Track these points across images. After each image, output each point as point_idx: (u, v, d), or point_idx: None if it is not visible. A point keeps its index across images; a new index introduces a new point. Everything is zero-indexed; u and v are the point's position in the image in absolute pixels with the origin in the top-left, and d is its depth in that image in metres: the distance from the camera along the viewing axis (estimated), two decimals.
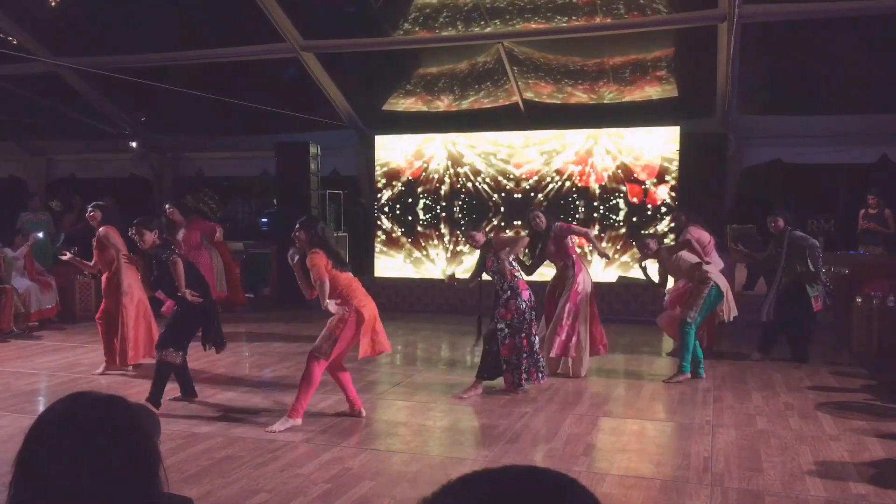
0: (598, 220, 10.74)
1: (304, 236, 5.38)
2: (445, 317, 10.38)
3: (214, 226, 9.58)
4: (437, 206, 11.48)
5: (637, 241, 7.93)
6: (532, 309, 6.11)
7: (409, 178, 11.59)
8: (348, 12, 10.54)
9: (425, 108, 11.61)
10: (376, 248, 11.74)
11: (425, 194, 11.52)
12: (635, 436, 5.14)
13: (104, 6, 10.19)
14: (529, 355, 6.09)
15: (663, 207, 10.45)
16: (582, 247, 7.23)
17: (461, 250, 11.31)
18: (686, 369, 6.68)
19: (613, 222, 10.68)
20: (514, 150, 11.12)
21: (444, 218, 11.45)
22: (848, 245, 10.55)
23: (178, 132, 13.34)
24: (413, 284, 11.30)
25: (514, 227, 11.07)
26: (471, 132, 11.31)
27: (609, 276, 10.38)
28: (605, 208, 10.71)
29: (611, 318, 9.30)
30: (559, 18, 9.33)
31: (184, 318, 5.86)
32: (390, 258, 11.72)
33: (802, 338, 7.52)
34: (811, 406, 5.85)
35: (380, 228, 11.76)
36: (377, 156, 11.72)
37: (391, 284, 11.30)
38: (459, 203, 11.35)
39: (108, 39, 10.62)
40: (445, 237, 11.45)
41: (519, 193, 11.07)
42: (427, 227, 11.54)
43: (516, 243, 6.38)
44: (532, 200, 10.84)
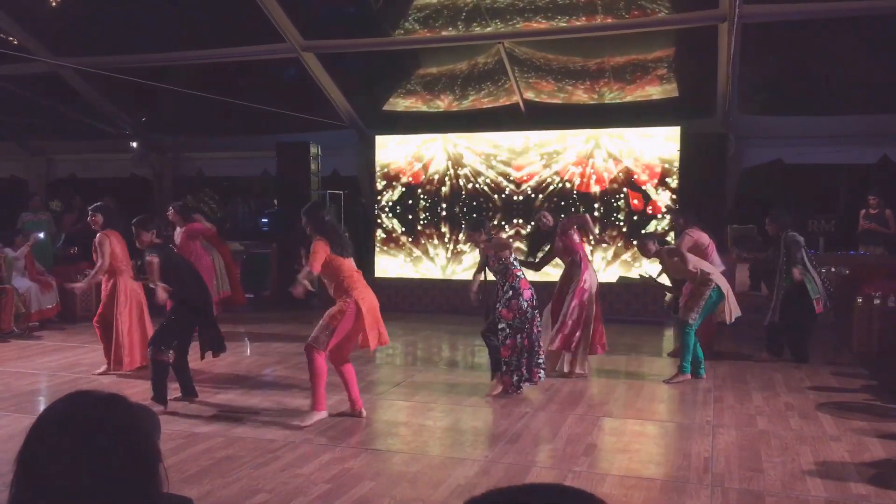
0: (598, 219, 10.75)
1: (308, 224, 5.44)
2: (445, 317, 10.38)
3: (209, 229, 9.13)
4: (438, 207, 11.48)
5: (637, 242, 7.92)
6: (534, 308, 6.11)
7: (409, 179, 11.59)
8: (349, 12, 10.54)
9: (426, 109, 11.61)
10: (377, 247, 11.74)
11: (425, 195, 11.52)
12: (636, 436, 5.13)
13: (105, 6, 10.19)
14: (530, 354, 6.09)
15: (664, 207, 10.45)
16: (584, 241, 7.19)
17: (461, 249, 11.31)
18: (686, 370, 6.70)
19: (614, 220, 10.69)
20: (515, 151, 11.11)
21: (444, 218, 11.45)
22: (848, 245, 10.55)
23: (179, 132, 13.34)
24: (413, 284, 11.30)
25: (514, 225, 11.09)
26: (471, 132, 11.31)
27: (610, 276, 10.38)
28: (606, 209, 10.72)
29: (611, 318, 9.30)
30: (560, 18, 9.33)
31: (176, 317, 5.86)
32: (391, 258, 11.72)
33: (802, 339, 7.53)
34: (812, 406, 5.85)
35: (380, 228, 11.76)
36: (377, 156, 11.72)
37: (391, 284, 11.30)
38: (460, 203, 11.35)
39: (109, 39, 10.62)
40: (446, 237, 11.45)
41: (520, 195, 11.07)
42: (427, 227, 11.54)
43: (507, 247, 6.28)
44: (533, 201, 10.84)
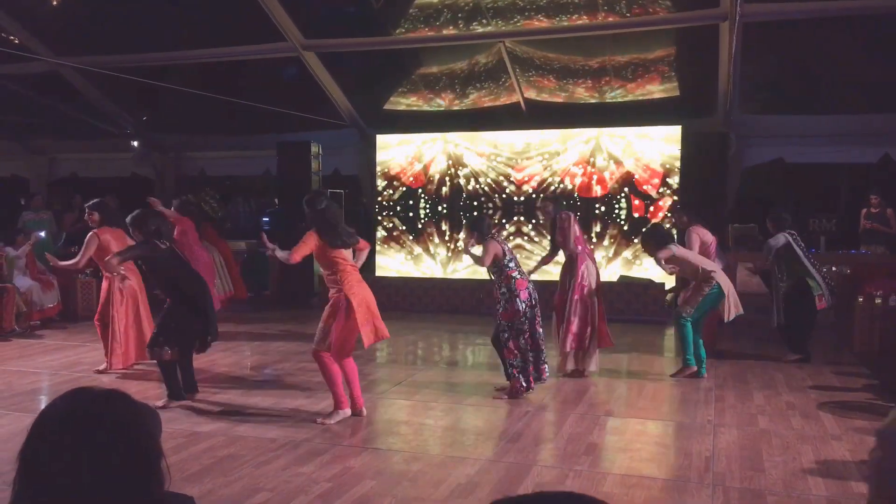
0: (599, 216, 10.75)
1: (308, 214, 5.49)
2: (446, 316, 10.38)
3: (178, 219, 8.49)
4: (438, 206, 11.47)
5: (641, 239, 7.93)
6: (533, 307, 6.04)
7: (410, 178, 11.59)
8: (349, 12, 10.56)
9: (426, 108, 11.61)
10: (377, 246, 11.74)
11: (426, 194, 11.52)
12: (637, 435, 5.13)
13: (106, 5, 10.20)
14: (536, 353, 6.05)
15: (667, 213, 10.44)
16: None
17: (462, 247, 11.31)
18: (691, 362, 6.68)
19: (616, 218, 10.68)
20: (516, 151, 11.10)
21: (445, 217, 11.45)
22: (849, 244, 10.54)
23: (180, 131, 13.35)
24: (414, 283, 11.30)
25: (514, 223, 11.09)
26: (472, 131, 11.31)
27: (611, 273, 10.38)
28: (607, 210, 10.71)
29: (612, 317, 9.28)
30: (560, 17, 9.33)
31: (172, 315, 5.85)
32: (391, 257, 11.73)
33: (802, 338, 7.52)
34: (813, 405, 5.84)
35: (381, 227, 11.76)
36: (378, 155, 11.72)
37: (392, 283, 11.29)
38: (461, 202, 11.35)
39: (110, 39, 10.63)
40: (446, 234, 11.45)
41: (521, 196, 11.07)
42: (428, 226, 11.54)
43: (486, 258, 6.11)
44: (534, 201, 10.84)
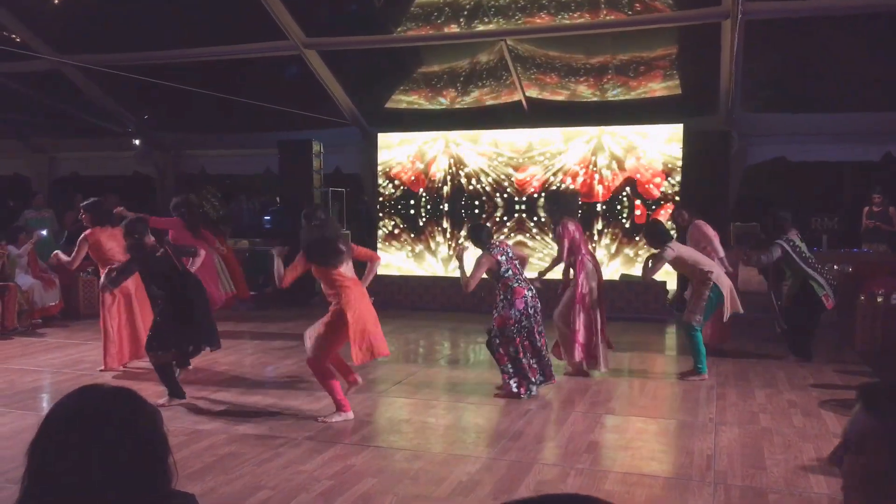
0: (601, 213, 10.74)
1: (302, 228, 5.48)
2: (447, 314, 10.38)
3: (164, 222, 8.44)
4: (440, 206, 11.47)
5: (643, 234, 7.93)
6: (529, 315, 5.96)
7: (411, 177, 11.58)
8: (351, 10, 10.56)
9: (428, 106, 11.61)
10: (379, 245, 11.74)
11: (427, 193, 11.51)
12: (638, 433, 5.12)
13: (107, 4, 10.20)
14: (539, 358, 6.01)
15: (665, 204, 10.44)
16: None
17: (464, 246, 11.31)
18: (703, 370, 6.61)
19: (618, 216, 10.68)
20: (517, 150, 11.08)
21: (446, 215, 11.45)
22: (851, 243, 10.53)
23: (181, 130, 13.36)
24: (415, 282, 11.29)
25: (514, 219, 11.10)
26: (473, 130, 11.30)
27: (612, 272, 10.38)
28: (609, 213, 10.71)
29: (613, 316, 9.28)
30: (562, 15, 9.32)
31: (164, 319, 5.85)
32: (393, 256, 11.72)
33: (805, 337, 7.50)
34: (814, 404, 5.83)
35: (382, 225, 11.76)
36: (380, 155, 11.71)
37: (393, 282, 11.29)
38: (462, 201, 11.34)
39: (112, 37, 10.64)
40: (448, 234, 11.45)
41: (523, 196, 11.07)
42: (429, 225, 11.54)
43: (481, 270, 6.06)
44: (535, 201, 10.84)
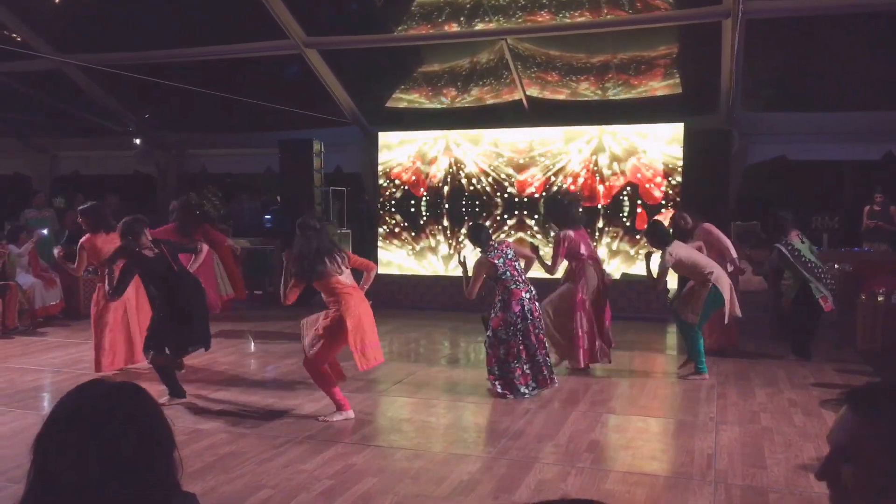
0: (601, 212, 10.74)
1: (296, 238, 5.46)
2: (447, 313, 10.38)
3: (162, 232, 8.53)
4: (440, 207, 11.47)
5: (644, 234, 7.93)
6: (525, 318, 5.94)
7: (412, 177, 11.58)
8: (352, 9, 10.56)
9: (429, 105, 11.60)
10: (379, 243, 11.75)
11: (428, 192, 11.51)
12: (639, 432, 5.13)
13: (108, 4, 10.20)
14: (533, 364, 5.97)
15: (666, 203, 10.44)
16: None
17: (463, 244, 11.33)
18: (703, 370, 6.61)
19: (620, 215, 10.68)
20: (517, 152, 11.07)
21: (446, 215, 11.45)
22: (852, 242, 10.53)
23: (182, 129, 13.36)
24: (415, 281, 11.30)
25: (515, 216, 11.11)
26: (474, 129, 11.29)
27: (613, 271, 10.37)
28: (611, 209, 10.71)
29: (614, 315, 9.25)
30: (563, 14, 9.32)
31: (158, 321, 5.85)
32: (393, 255, 11.73)
33: (805, 337, 7.49)
34: (815, 403, 5.83)
35: (383, 224, 11.76)
36: (380, 153, 11.71)
37: (394, 281, 11.30)
38: (462, 201, 11.34)
39: (112, 37, 10.64)
40: (448, 233, 11.45)
41: (524, 197, 11.07)
42: (429, 224, 11.54)
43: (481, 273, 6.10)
44: (536, 201, 10.84)
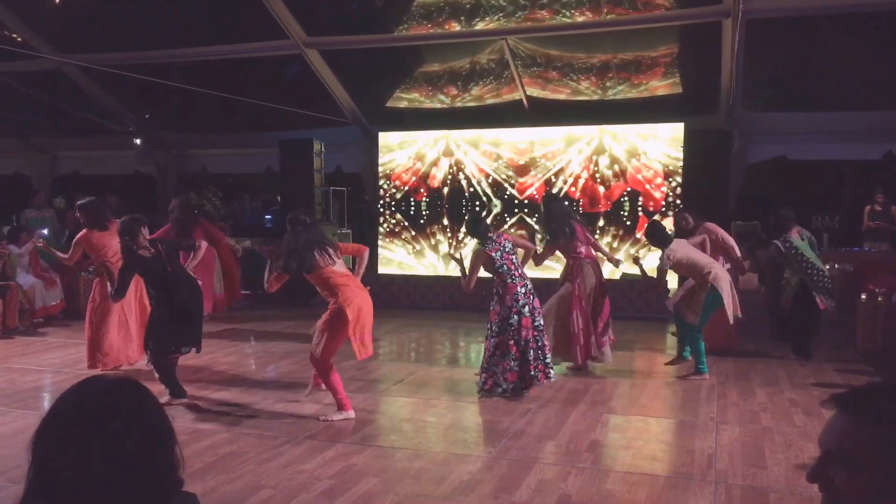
0: (602, 212, 10.74)
1: (287, 232, 5.49)
2: (448, 313, 10.38)
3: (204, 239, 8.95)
4: (440, 206, 11.47)
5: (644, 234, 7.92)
6: (519, 313, 5.89)
7: (412, 178, 11.59)
8: (352, 9, 10.56)
9: (429, 105, 11.60)
10: (380, 243, 11.75)
11: (428, 192, 11.51)
12: (639, 432, 5.13)
13: (108, 4, 10.21)
14: (522, 363, 5.92)
15: (667, 205, 10.44)
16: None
17: (464, 242, 11.34)
18: (703, 370, 6.61)
19: (620, 215, 10.68)
20: (518, 154, 11.07)
21: (446, 215, 11.45)
22: (852, 242, 10.53)
23: (182, 129, 13.36)
24: (416, 280, 11.31)
25: (515, 214, 11.11)
26: (474, 129, 11.30)
27: (612, 272, 10.36)
28: (612, 211, 10.72)
29: (615, 315, 9.26)
30: (563, 14, 9.31)
31: (160, 318, 5.86)
32: (394, 254, 11.73)
33: (806, 340, 7.49)
34: (815, 403, 5.82)
35: (383, 224, 11.76)
36: (380, 153, 11.72)
37: (394, 280, 11.31)
38: (462, 200, 11.34)
39: (113, 37, 10.64)
40: (447, 229, 11.45)
41: (524, 200, 11.07)
42: (429, 224, 11.54)
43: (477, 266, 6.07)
44: (536, 203, 10.83)
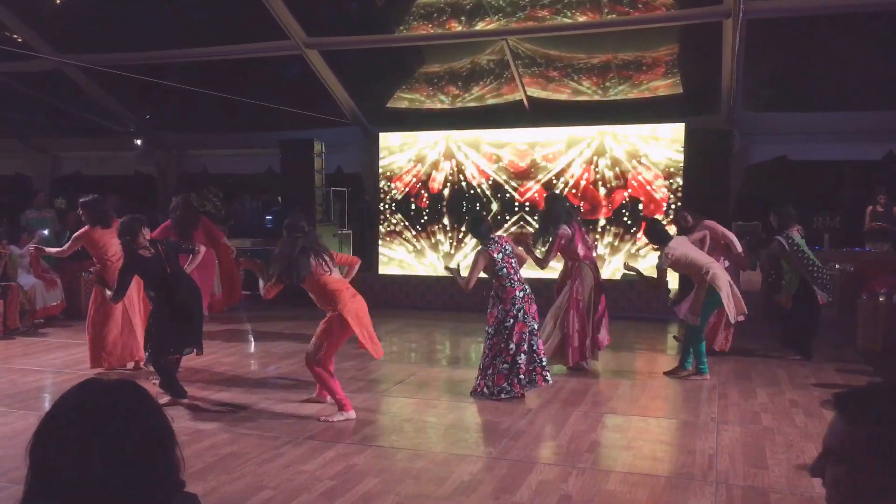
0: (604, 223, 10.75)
1: (282, 239, 5.49)
2: (448, 314, 10.38)
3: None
4: (441, 207, 11.47)
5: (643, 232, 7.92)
6: (516, 317, 5.87)
7: (412, 179, 11.58)
8: (352, 9, 10.55)
9: (429, 106, 11.60)
10: (380, 243, 11.74)
11: (428, 193, 11.51)
12: (640, 433, 5.12)
13: (108, 4, 10.21)
14: (511, 367, 5.87)
15: (669, 206, 10.44)
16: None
17: (464, 242, 11.34)
18: (704, 371, 6.62)
19: (622, 215, 10.68)
20: (518, 155, 11.06)
21: (447, 215, 11.44)
22: (853, 242, 10.52)
23: (183, 129, 13.36)
24: (416, 281, 11.30)
25: (515, 213, 11.10)
26: (475, 129, 11.29)
27: (613, 267, 10.37)
28: (614, 214, 10.72)
29: (615, 315, 9.28)
30: (563, 14, 9.31)
31: (160, 318, 5.86)
32: (394, 254, 11.73)
33: (806, 339, 7.48)
34: (816, 403, 5.84)
35: (384, 225, 11.76)
36: (381, 154, 11.71)
37: (394, 281, 11.30)
38: (463, 201, 11.34)
39: (113, 37, 10.64)
40: (449, 234, 11.45)
41: (525, 202, 11.07)
42: (430, 224, 11.54)
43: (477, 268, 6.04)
44: (537, 204, 10.83)
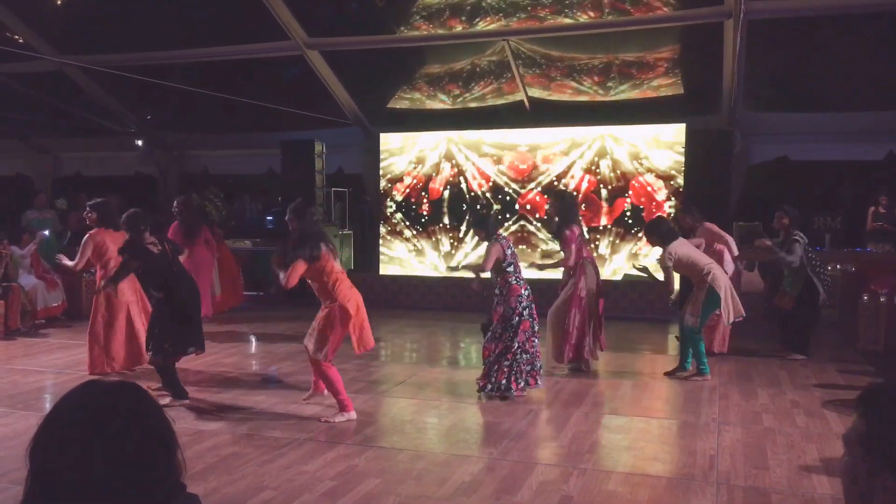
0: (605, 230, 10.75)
1: (294, 224, 5.46)
2: (449, 314, 10.38)
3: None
4: (442, 207, 11.47)
5: (644, 231, 7.92)
6: (521, 315, 5.88)
7: (413, 177, 11.58)
8: (353, 10, 10.55)
9: (430, 106, 11.60)
10: (381, 244, 11.74)
11: (428, 194, 11.51)
12: (641, 433, 5.12)
13: (109, 4, 10.22)
14: (511, 365, 5.89)
15: (670, 206, 10.44)
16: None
17: (465, 241, 11.34)
18: (705, 371, 6.62)
19: (623, 216, 10.68)
20: (519, 157, 11.06)
21: (447, 215, 11.44)
22: (854, 242, 10.51)
23: (184, 130, 13.36)
24: (417, 281, 11.30)
25: (516, 213, 11.11)
26: (475, 130, 11.29)
27: (615, 269, 10.37)
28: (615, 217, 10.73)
29: (616, 316, 9.30)
30: (565, 14, 9.31)
31: (162, 318, 5.86)
32: (395, 255, 11.73)
33: (806, 338, 7.47)
34: (817, 404, 5.83)
35: (384, 225, 11.76)
36: (382, 155, 11.72)
37: (395, 281, 11.30)
38: (463, 202, 11.34)
39: (114, 37, 10.65)
40: (449, 234, 11.45)
41: (526, 204, 11.07)
42: (430, 224, 11.54)
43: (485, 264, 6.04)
44: (537, 205, 10.83)
